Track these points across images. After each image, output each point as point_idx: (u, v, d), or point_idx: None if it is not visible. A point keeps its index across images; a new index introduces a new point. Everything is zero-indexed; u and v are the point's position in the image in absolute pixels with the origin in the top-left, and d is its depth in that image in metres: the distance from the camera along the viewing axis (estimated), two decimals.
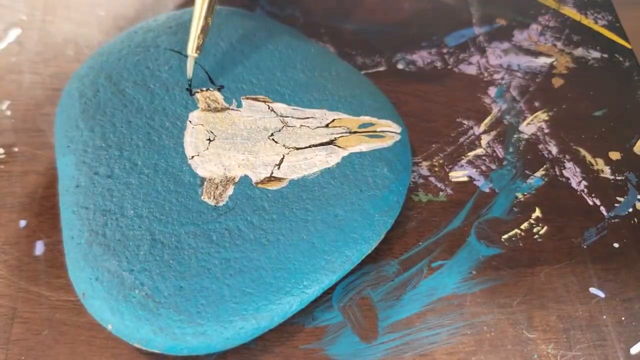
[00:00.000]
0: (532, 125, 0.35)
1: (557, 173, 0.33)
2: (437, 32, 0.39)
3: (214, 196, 0.27)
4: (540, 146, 0.34)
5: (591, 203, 0.32)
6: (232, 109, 0.30)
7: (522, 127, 0.35)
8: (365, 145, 0.30)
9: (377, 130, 0.30)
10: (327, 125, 0.30)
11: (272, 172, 0.28)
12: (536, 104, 0.36)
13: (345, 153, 0.29)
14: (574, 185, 0.33)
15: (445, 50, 0.38)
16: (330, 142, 0.30)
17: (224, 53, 0.32)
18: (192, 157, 0.28)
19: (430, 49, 0.38)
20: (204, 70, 0.31)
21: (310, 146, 0.29)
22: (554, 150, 0.34)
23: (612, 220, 0.32)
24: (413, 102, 0.35)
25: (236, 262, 0.26)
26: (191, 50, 0.29)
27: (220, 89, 0.31)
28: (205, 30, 0.29)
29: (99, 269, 0.25)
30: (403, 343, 0.27)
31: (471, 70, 0.37)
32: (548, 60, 0.38)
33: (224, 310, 0.25)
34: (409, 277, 0.29)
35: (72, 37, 0.37)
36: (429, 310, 0.28)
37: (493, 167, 0.33)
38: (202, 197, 0.27)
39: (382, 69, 0.37)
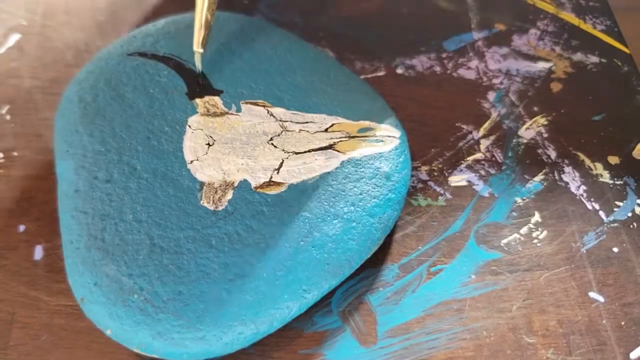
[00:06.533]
0: (531, 129, 0.35)
1: (556, 177, 0.33)
2: (436, 37, 0.39)
3: (213, 201, 0.27)
4: (539, 150, 0.34)
5: (590, 207, 0.32)
6: (231, 114, 0.30)
7: (521, 131, 0.35)
8: (364, 150, 0.30)
9: (376, 134, 0.30)
10: (326, 130, 0.30)
11: (271, 177, 0.28)
12: (535, 108, 0.36)
13: (344, 157, 0.29)
14: (573, 189, 0.33)
15: (444, 55, 0.38)
16: (330, 147, 0.30)
17: (223, 58, 0.32)
18: (192, 161, 0.28)
19: (430, 53, 0.38)
20: (203, 75, 0.31)
21: (309, 151, 0.29)
22: (553, 154, 0.34)
23: (611, 225, 0.32)
24: (412, 107, 0.35)
25: (235, 267, 0.26)
26: (196, 46, 0.31)
27: (219, 93, 0.31)
28: (206, 25, 0.30)
29: (98, 273, 0.25)
30: (402, 348, 0.27)
31: (470, 75, 0.37)
32: (547, 65, 0.38)
33: (223, 315, 0.25)
34: (408, 282, 0.29)
35: (72, 42, 0.37)
36: (428, 315, 0.28)
37: (492, 171, 0.33)
38: (201, 202, 0.27)
39: (381, 73, 0.37)
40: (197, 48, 0.31)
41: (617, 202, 0.32)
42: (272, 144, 0.29)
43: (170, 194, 0.27)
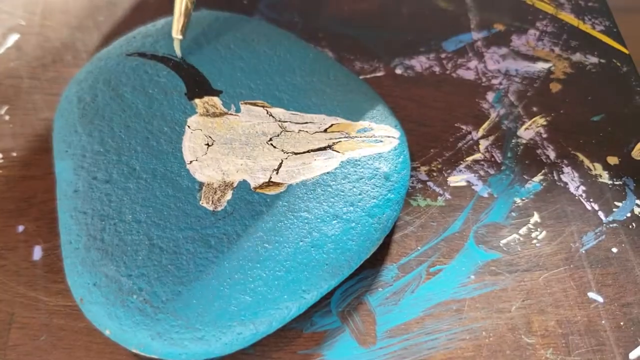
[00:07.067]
0: (530, 130, 0.35)
1: (556, 178, 0.33)
2: (435, 37, 0.39)
3: (213, 201, 0.27)
4: (539, 151, 0.34)
5: (589, 208, 0.32)
6: (230, 114, 0.30)
7: (520, 132, 0.35)
8: (363, 150, 0.30)
9: (376, 135, 0.30)
10: (325, 130, 0.30)
11: (270, 177, 0.28)
12: (534, 109, 0.36)
13: (344, 158, 0.29)
14: (572, 190, 0.33)
15: (443, 56, 0.38)
16: (329, 147, 0.30)
17: (222, 58, 0.32)
18: (191, 162, 0.28)
19: (429, 54, 0.38)
20: (203, 75, 0.31)
21: (308, 151, 0.29)
22: (552, 155, 0.34)
23: (611, 225, 0.32)
24: (411, 107, 0.35)
25: (234, 267, 0.26)
26: (175, 32, 0.31)
27: (218, 93, 0.31)
28: (186, 13, 0.31)
29: (97, 274, 0.25)
30: (401, 348, 0.27)
31: (469, 75, 0.37)
32: (546, 66, 0.38)
33: (222, 315, 0.25)
34: (407, 282, 0.29)
35: (71, 42, 0.37)
36: (427, 315, 0.28)
37: (491, 172, 0.33)
38: (200, 202, 0.27)
39: (380, 74, 0.37)
40: (176, 35, 0.31)
41: (616, 203, 0.32)
42: (272, 144, 0.29)
43: (170, 195, 0.27)
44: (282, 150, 0.29)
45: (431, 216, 0.31)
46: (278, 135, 0.30)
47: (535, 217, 0.32)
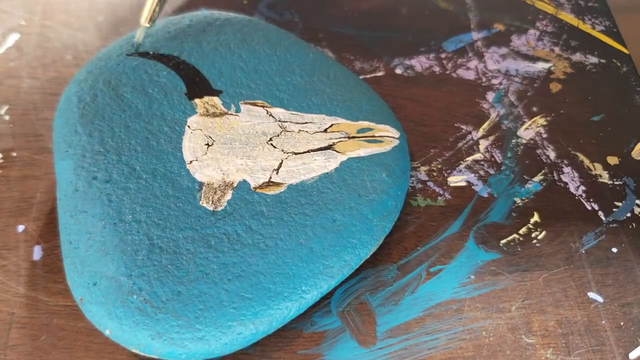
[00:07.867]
0: (530, 130, 0.35)
1: (556, 178, 0.33)
2: (435, 37, 0.39)
3: (213, 201, 0.27)
4: (539, 151, 0.34)
5: (589, 208, 0.32)
6: (230, 114, 0.30)
7: (520, 132, 0.35)
8: (363, 150, 0.30)
9: (376, 135, 0.30)
10: (325, 130, 0.30)
11: (270, 177, 0.28)
12: (534, 109, 0.36)
13: (344, 158, 0.29)
14: (572, 190, 0.33)
15: (443, 56, 0.38)
16: (329, 147, 0.30)
17: (222, 58, 0.32)
18: (191, 162, 0.28)
19: (429, 54, 0.38)
20: (203, 75, 0.31)
21: (308, 151, 0.29)
22: (552, 155, 0.34)
23: (611, 225, 0.32)
24: (411, 107, 0.35)
25: (234, 267, 0.26)
26: (144, 20, 0.31)
27: (218, 93, 0.31)
28: (161, 3, 0.30)
29: (97, 274, 0.25)
30: (402, 348, 0.27)
31: (469, 75, 0.37)
32: (546, 66, 0.38)
33: (222, 315, 0.25)
34: (407, 282, 0.29)
35: (71, 42, 0.37)
36: (427, 315, 0.28)
37: (491, 172, 0.33)
38: (200, 202, 0.27)
39: (380, 73, 0.37)
40: (145, 22, 0.31)
41: (616, 203, 0.32)
42: (272, 144, 0.29)
43: (170, 195, 0.27)
44: (282, 150, 0.29)
45: (431, 216, 0.31)
46: (278, 135, 0.30)
47: (535, 217, 0.32)
